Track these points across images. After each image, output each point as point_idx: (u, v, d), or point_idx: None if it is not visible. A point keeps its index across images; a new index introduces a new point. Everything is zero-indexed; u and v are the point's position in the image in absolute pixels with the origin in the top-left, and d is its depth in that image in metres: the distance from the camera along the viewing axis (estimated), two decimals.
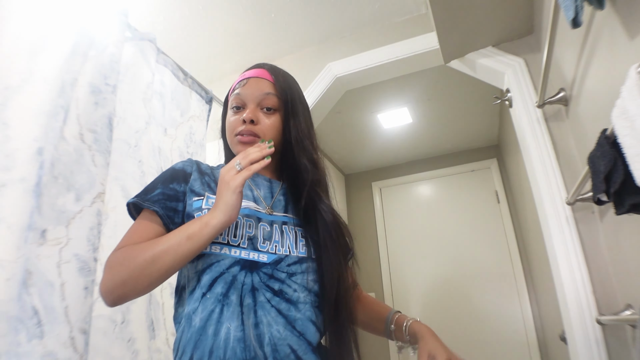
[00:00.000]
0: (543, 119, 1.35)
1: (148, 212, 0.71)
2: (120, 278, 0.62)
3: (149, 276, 0.62)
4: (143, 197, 0.71)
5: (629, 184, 0.66)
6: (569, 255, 1.16)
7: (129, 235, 0.69)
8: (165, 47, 1.47)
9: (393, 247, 3.19)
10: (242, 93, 0.79)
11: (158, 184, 0.74)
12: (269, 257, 0.69)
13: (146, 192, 0.73)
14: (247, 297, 0.65)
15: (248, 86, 0.79)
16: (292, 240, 0.73)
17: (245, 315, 0.64)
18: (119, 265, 0.63)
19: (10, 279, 0.79)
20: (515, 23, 1.45)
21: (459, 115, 2.74)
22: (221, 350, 0.61)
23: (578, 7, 0.74)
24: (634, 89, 0.60)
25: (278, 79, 0.81)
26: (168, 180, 0.74)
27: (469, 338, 2.69)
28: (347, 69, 1.90)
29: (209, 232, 0.63)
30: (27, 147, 0.88)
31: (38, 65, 0.95)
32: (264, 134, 0.77)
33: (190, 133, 1.49)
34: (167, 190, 0.73)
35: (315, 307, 0.70)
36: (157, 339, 1.13)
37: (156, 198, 0.71)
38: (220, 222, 0.63)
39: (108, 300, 0.64)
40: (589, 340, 1.07)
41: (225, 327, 0.62)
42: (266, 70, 0.82)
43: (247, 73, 0.83)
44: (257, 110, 0.78)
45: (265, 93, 0.78)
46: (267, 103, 0.78)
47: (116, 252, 0.66)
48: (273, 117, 0.78)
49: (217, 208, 0.64)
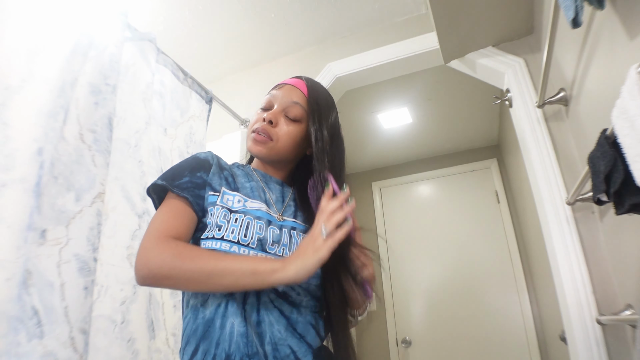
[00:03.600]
0: (543, 119, 1.35)
1: (176, 198, 0.71)
2: (169, 268, 0.61)
3: (197, 284, 0.61)
4: (171, 183, 0.71)
5: (629, 184, 0.66)
6: (569, 255, 1.16)
7: (164, 218, 0.68)
8: (165, 47, 1.47)
9: (393, 247, 3.19)
10: (274, 96, 0.82)
11: (185, 171, 0.74)
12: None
13: (173, 177, 0.72)
14: (250, 296, 0.66)
15: (282, 91, 0.82)
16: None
17: (248, 313, 0.65)
18: (175, 256, 0.61)
19: (10, 279, 0.79)
20: (515, 23, 1.45)
21: (459, 115, 2.74)
22: (227, 343, 0.63)
23: (578, 7, 0.74)
24: (634, 89, 0.60)
25: (312, 93, 0.82)
26: (195, 169, 0.75)
27: (468, 338, 2.69)
28: (347, 69, 1.90)
29: (274, 280, 0.60)
30: (27, 147, 0.88)
31: (38, 65, 0.95)
32: (278, 138, 0.78)
33: (190, 133, 1.49)
34: (195, 178, 0.73)
35: (315, 312, 0.72)
36: (157, 339, 1.13)
37: (185, 185, 0.71)
38: (289, 279, 0.60)
39: (142, 276, 0.62)
40: (589, 340, 1.07)
41: (230, 321, 0.64)
42: (304, 82, 0.84)
43: (286, 80, 0.85)
44: (281, 115, 0.80)
45: (294, 102, 0.80)
46: (292, 111, 0.79)
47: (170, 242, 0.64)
48: (293, 126, 0.79)
49: (293, 264, 0.60)
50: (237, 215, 0.70)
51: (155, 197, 0.76)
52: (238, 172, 0.81)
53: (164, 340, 1.16)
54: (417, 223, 3.17)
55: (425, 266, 3.01)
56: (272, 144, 0.78)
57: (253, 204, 0.74)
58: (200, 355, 0.63)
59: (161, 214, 0.69)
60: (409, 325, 2.92)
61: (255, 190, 0.78)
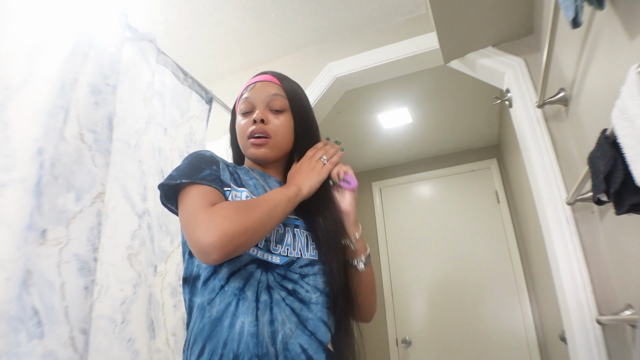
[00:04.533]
0: (543, 119, 1.35)
1: (204, 187, 0.68)
2: (241, 224, 0.59)
3: (266, 226, 0.63)
4: (195, 177, 0.68)
5: (629, 184, 0.66)
6: (569, 255, 1.16)
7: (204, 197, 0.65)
8: (165, 47, 1.47)
9: (393, 247, 3.19)
10: (251, 97, 0.81)
11: (201, 164, 0.71)
12: (281, 260, 0.70)
13: (192, 173, 0.69)
14: (263, 293, 0.66)
15: (255, 90, 0.81)
16: (304, 244, 0.75)
17: (261, 312, 0.64)
18: (237, 212, 0.61)
19: (10, 279, 0.79)
20: (515, 23, 1.45)
21: (459, 115, 2.74)
22: (235, 342, 0.62)
23: (578, 7, 0.74)
24: (634, 89, 0.60)
25: (284, 82, 0.84)
26: (209, 163, 0.73)
27: (468, 338, 2.69)
28: (347, 69, 1.90)
29: (300, 198, 0.72)
30: (27, 147, 0.88)
31: (38, 65, 0.95)
32: (275, 133, 0.79)
33: (190, 133, 1.49)
34: (213, 171, 0.72)
35: (327, 307, 0.72)
36: (157, 339, 1.13)
37: (211, 177, 0.69)
38: (307, 194, 0.73)
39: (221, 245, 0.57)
40: (589, 340, 1.07)
41: (240, 321, 0.63)
42: (271, 75, 0.85)
43: (253, 79, 0.85)
44: (266, 111, 0.80)
45: (273, 94, 0.80)
46: (275, 104, 0.80)
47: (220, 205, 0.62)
48: (282, 117, 0.80)
49: (305, 184, 0.74)
50: None
51: (162, 193, 0.72)
52: (238, 169, 0.81)
53: (164, 340, 1.16)
54: (417, 223, 3.17)
55: (425, 266, 3.01)
56: (272, 141, 0.78)
57: None
58: (207, 356, 0.62)
59: (195, 196, 0.65)
60: (409, 325, 2.92)
61: (258, 188, 0.78)
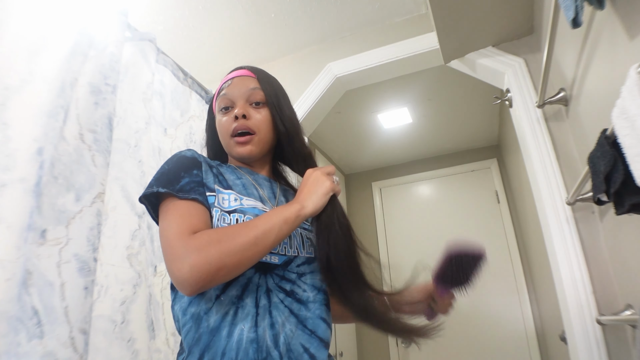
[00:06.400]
0: (543, 119, 1.35)
1: (183, 201, 0.66)
2: (218, 258, 0.57)
3: (249, 257, 0.60)
4: (173, 188, 0.66)
5: (629, 184, 0.66)
6: (569, 255, 1.16)
7: (180, 220, 0.63)
8: (165, 47, 1.47)
9: (393, 247, 3.18)
10: (229, 92, 0.79)
11: (180, 172, 0.69)
12: (279, 259, 0.69)
13: (171, 181, 0.67)
14: (262, 298, 0.65)
15: (233, 85, 0.80)
16: (299, 242, 0.74)
17: (260, 317, 0.64)
18: (215, 244, 0.58)
19: (10, 279, 0.79)
20: (515, 23, 1.45)
21: (459, 115, 2.74)
22: (233, 352, 0.60)
23: (578, 7, 0.74)
24: (634, 89, 0.60)
25: (260, 75, 0.82)
26: (190, 167, 0.71)
27: (468, 338, 2.69)
28: (347, 69, 1.90)
29: (302, 218, 0.66)
30: (27, 147, 0.88)
31: (38, 65, 0.95)
32: (258, 128, 0.77)
33: (190, 133, 1.49)
34: (193, 177, 0.69)
35: (324, 304, 0.71)
36: (157, 339, 1.13)
37: (188, 187, 0.67)
38: (311, 213, 0.67)
39: (194, 282, 0.56)
40: (589, 340, 1.07)
41: (239, 328, 0.62)
42: (246, 69, 0.83)
43: (230, 75, 0.83)
44: (247, 105, 0.78)
45: (252, 88, 0.79)
46: (254, 98, 0.79)
47: (199, 235, 0.60)
48: (263, 110, 0.79)
49: (309, 201, 0.68)
50: (236, 215, 0.68)
51: (147, 204, 0.70)
52: (223, 169, 0.78)
53: (164, 340, 1.16)
54: (417, 223, 3.17)
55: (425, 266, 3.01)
56: (257, 137, 0.77)
57: (249, 201, 0.72)
58: None
59: (174, 218, 0.64)
60: None
61: (248, 187, 0.76)
